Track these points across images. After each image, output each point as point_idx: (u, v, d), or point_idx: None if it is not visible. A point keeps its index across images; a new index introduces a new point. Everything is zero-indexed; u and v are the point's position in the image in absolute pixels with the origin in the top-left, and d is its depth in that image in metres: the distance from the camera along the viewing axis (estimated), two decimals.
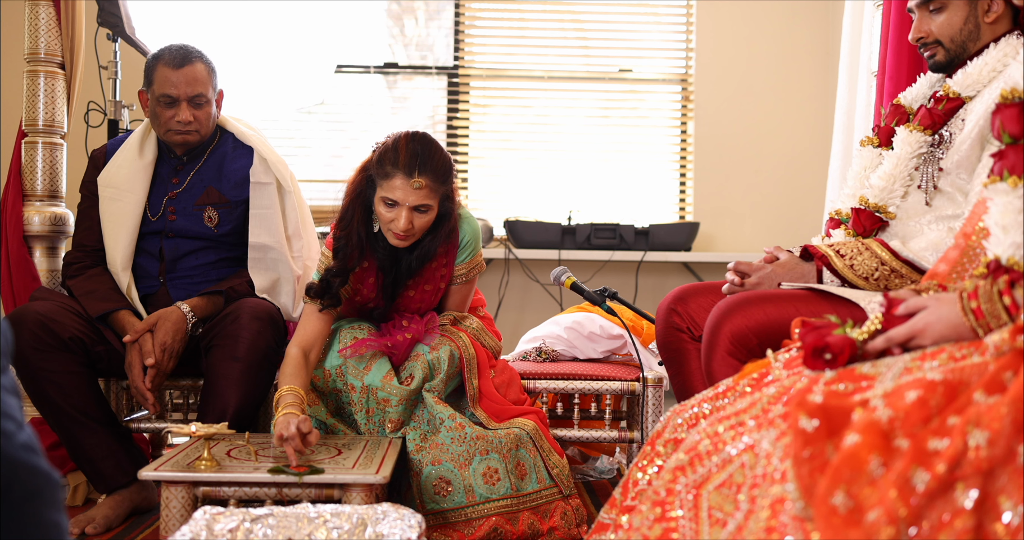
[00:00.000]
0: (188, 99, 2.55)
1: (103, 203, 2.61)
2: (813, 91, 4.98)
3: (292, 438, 1.99)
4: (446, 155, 2.29)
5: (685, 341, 2.12)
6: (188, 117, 2.54)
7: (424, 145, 2.24)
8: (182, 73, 2.54)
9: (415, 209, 2.25)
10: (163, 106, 2.56)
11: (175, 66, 2.54)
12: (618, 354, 2.80)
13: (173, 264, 2.61)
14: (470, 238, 2.44)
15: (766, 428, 1.25)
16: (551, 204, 5.04)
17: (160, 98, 2.55)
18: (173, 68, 2.54)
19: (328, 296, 2.36)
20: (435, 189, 2.25)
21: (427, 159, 2.22)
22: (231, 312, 2.42)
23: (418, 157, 2.21)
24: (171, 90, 2.54)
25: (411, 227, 2.26)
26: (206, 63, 2.60)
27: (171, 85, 2.53)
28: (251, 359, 2.36)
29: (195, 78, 2.55)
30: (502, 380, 2.51)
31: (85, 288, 2.52)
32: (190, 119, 2.55)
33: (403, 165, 2.21)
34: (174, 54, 2.56)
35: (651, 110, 5.16)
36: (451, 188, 2.33)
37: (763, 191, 4.99)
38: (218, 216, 2.62)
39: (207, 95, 2.58)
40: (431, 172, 2.23)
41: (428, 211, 2.27)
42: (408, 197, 2.22)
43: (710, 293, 2.14)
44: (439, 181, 2.25)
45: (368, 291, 2.45)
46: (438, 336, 2.45)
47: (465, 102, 5.08)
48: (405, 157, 2.22)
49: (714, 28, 5.00)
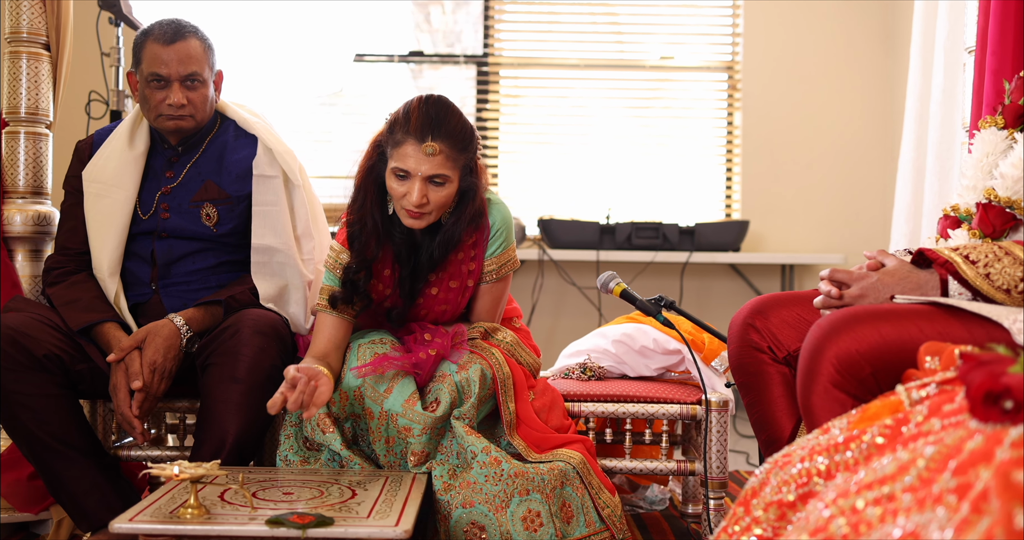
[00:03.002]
0: (180, 79, 2.25)
1: (88, 200, 2.31)
2: (872, 76, 4.59)
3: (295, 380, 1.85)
4: (466, 121, 2.03)
5: (765, 363, 1.77)
6: (181, 99, 2.24)
7: (439, 108, 1.99)
8: (173, 49, 2.23)
9: (430, 181, 1.99)
10: (153, 87, 2.26)
11: (166, 42, 2.24)
12: (674, 371, 2.45)
13: (166, 269, 2.30)
14: (501, 226, 2.16)
15: (932, 508, 0.90)
16: (588, 201, 4.70)
17: (149, 78, 2.25)
18: (163, 44, 2.24)
19: (359, 297, 2.10)
20: (452, 157, 1.99)
21: (442, 122, 1.98)
22: (231, 325, 2.10)
23: (432, 120, 1.97)
24: (161, 69, 2.23)
25: (425, 201, 1.99)
26: (201, 39, 2.29)
27: (161, 63, 2.23)
28: (253, 380, 2.05)
29: (188, 55, 2.25)
30: (543, 403, 2.18)
31: (66, 297, 2.21)
32: (183, 101, 2.25)
33: (414, 130, 1.97)
34: (164, 29, 2.26)
35: (694, 100, 4.80)
36: (473, 160, 2.06)
37: (817, 186, 4.62)
38: (217, 213, 2.31)
39: (202, 75, 2.27)
40: (446, 136, 1.97)
41: (445, 184, 2.00)
42: (420, 165, 1.97)
43: (795, 305, 1.79)
44: (457, 148, 1.99)
45: (384, 286, 2.16)
46: (467, 353, 2.12)
47: (495, 93, 4.75)
48: (417, 121, 1.97)
49: (763, 11, 4.63)
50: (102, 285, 2.25)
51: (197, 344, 2.17)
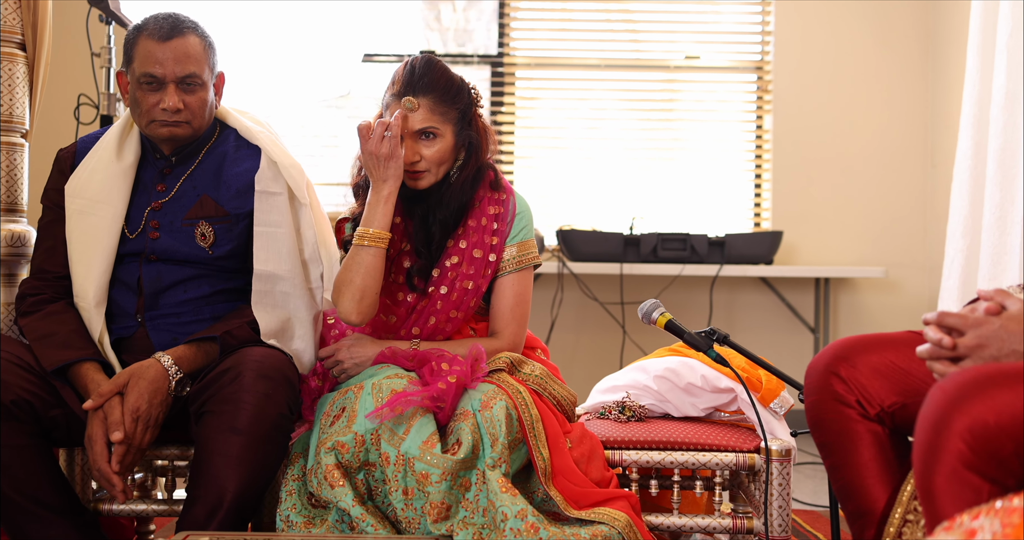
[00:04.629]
0: (176, 80, 1.99)
1: (71, 218, 2.04)
2: (911, 77, 4.32)
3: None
4: (452, 74, 2.03)
5: (853, 419, 1.50)
6: (176, 103, 1.98)
7: (424, 64, 2.00)
8: (169, 47, 1.98)
9: (421, 135, 1.99)
10: (145, 89, 2.00)
11: (161, 38, 1.98)
12: (724, 411, 2.19)
13: (154, 298, 2.03)
14: (524, 210, 2.12)
15: None
16: (609, 210, 4.43)
17: (141, 79, 1.99)
18: (158, 41, 1.98)
19: None
20: (438, 110, 1.98)
21: (423, 75, 1.98)
22: (230, 368, 1.84)
23: (413, 76, 1.98)
24: (155, 68, 1.97)
25: (418, 159, 1.98)
26: (201, 36, 2.04)
27: (155, 62, 1.97)
28: (256, 431, 1.78)
29: (186, 54, 1.99)
30: (582, 453, 1.92)
31: (41, 330, 1.95)
32: (178, 106, 1.99)
33: (398, 90, 1.99)
34: (160, 23, 2.00)
35: (721, 102, 4.54)
36: (469, 114, 2.04)
37: (853, 193, 4.34)
38: (214, 233, 2.05)
39: (201, 76, 2.01)
40: (428, 89, 1.97)
41: (436, 138, 1.99)
42: (406, 123, 1.97)
43: (886, 350, 1.52)
44: (442, 100, 1.98)
45: (397, 238, 2.07)
46: (492, 387, 1.87)
47: (510, 94, 4.49)
48: (401, 80, 2.00)
49: (796, 8, 4.35)
50: (85, 317, 1.99)
51: (189, 387, 1.91)
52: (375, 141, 1.94)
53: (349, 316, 1.97)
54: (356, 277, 1.96)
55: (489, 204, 2.09)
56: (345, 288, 1.96)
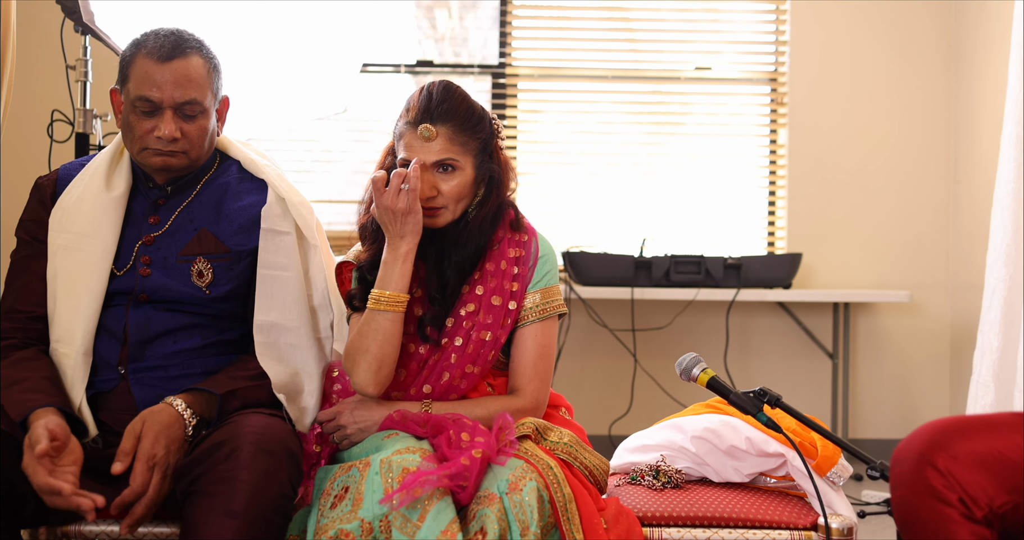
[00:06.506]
0: (175, 106, 1.78)
1: (55, 255, 1.83)
2: (932, 90, 4.12)
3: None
4: (472, 101, 1.84)
5: (954, 521, 1.28)
6: (172, 131, 1.78)
7: (441, 91, 1.81)
8: (169, 69, 1.77)
9: (438, 168, 1.79)
10: (140, 114, 1.78)
11: (161, 58, 1.77)
12: (771, 477, 1.97)
13: (140, 348, 1.81)
14: (547, 253, 1.92)
15: None
16: (617, 229, 4.20)
17: (136, 102, 1.78)
18: (157, 60, 1.77)
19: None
20: (458, 140, 1.79)
21: (441, 101, 1.79)
22: (225, 441, 1.60)
23: (428, 103, 1.79)
24: (151, 92, 1.76)
25: (435, 194, 1.78)
26: (206, 57, 1.83)
27: (153, 84, 1.76)
28: (253, 515, 1.56)
29: (187, 77, 1.78)
30: (618, 534, 1.69)
31: (9, 377, 1.72)
32: (175, 134, 1.78)
33: (413, 117, 1.80)
34: (161, 41, 1.79)
35: (733, 116, 4.32)
36: (491, 145, 1.85)
37: (872, 212, 4.14)
38: (212, 272, 1.84)
39: (202, 103, 1.80)
40: (447, 117, 1.78)
41: (455, 171, 1.80)
42: (421, 153, 1.78)
43: (991, 435, 1.30)
44: (462, 129, 1.79)
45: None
46: (521, 464, 1.64)
47: (512, 107, 4.26)
48: (416, 107, 1.80)
49: (812, 16, 4.15)
50: (67, 365, 1.76)
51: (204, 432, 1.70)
52: (391, 195, 1.74)
53: (366, 389, 1.76)
54: (372, 345, 1.74)
55: (509, 246, 1.88)
56: (360, 357, 1.75)
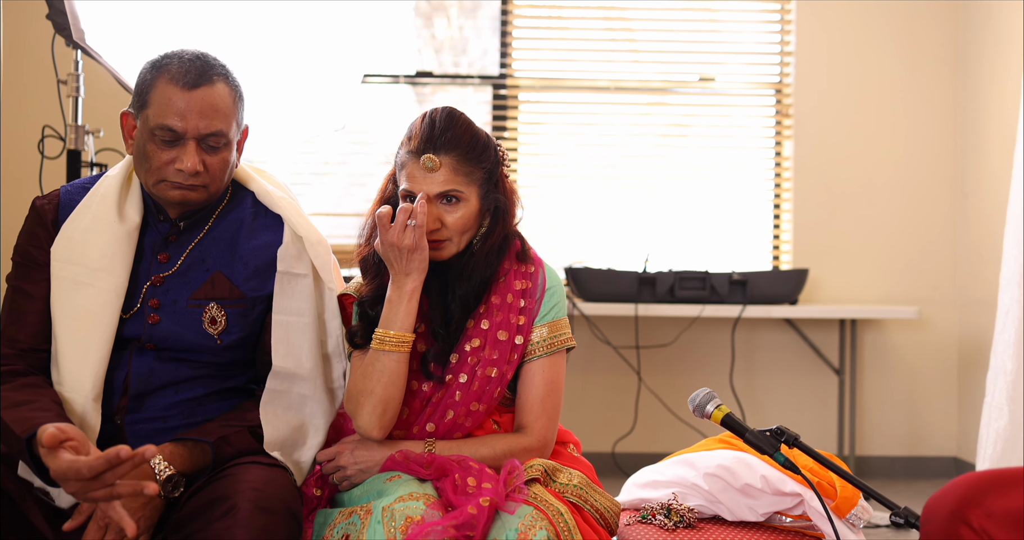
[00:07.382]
0: (199, 138, 1.64)
1: (59, 289, 1.69)
2: (939, 101, 4.06)
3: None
4: (477, 129, 1.77)
5: None
6: (195, 165, 1.63)
7: (444, 118, 1.74)
8: (195, 97, 1.62)
9: (442, 199, 1.72)
10: (159, 143, 1.64)
11: (186, 85, 1.62)
12: (787, 516, 1.90)
13: (139, 399, 1.69)
14: (553, 283, 1.83)
15: None
16: (620, 243, 4.13)
17: (157, 131, 1.63)
18: (183, 88, 1.62)
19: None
20: (462, 171, 1.72)
21: (445, 130, 1.72)
22: (222, 498, 1.50)
23: (431, 132, 1.72)
24: (175, 122, 1.62)
25: (438, 225, 1.71)
26: (231, 85, 1.68)
27: (176, 113, 1.62)
28: None
29: (213, 107, 1.63)
30: None
31: (15, 399, 1.58)
32: (198, 168, 1.63)
33: (415, 147, 1.73)
34: (186, 66, 1.64)
35: (737, 127, 4.25)
36: (496, 175, 1.78)
37: (879, 226, 4.07)
38: (225, 319, 1.71)
39: (227, 135, 1.66)
40: (450, 147, 1.71)
41: (460, 202, 1.72)
42: (424, 184, 1.70)
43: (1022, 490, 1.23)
44: (466, 159, 1.72)
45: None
46: (530, 510, 1.57)
47: (513, 119, 4.19)
48: (419, 135, 1.73)
49: (818, 25, 4.08)
50: (76, 411, 1.63)
51: (183, 488, 1.59)
52: (396, 231, 1.66)
53: (370, 432, 1.68)
54: (377, 387, 1.66)
55: (515, 278, 1.80)
56: (365, 399, 1.67)
